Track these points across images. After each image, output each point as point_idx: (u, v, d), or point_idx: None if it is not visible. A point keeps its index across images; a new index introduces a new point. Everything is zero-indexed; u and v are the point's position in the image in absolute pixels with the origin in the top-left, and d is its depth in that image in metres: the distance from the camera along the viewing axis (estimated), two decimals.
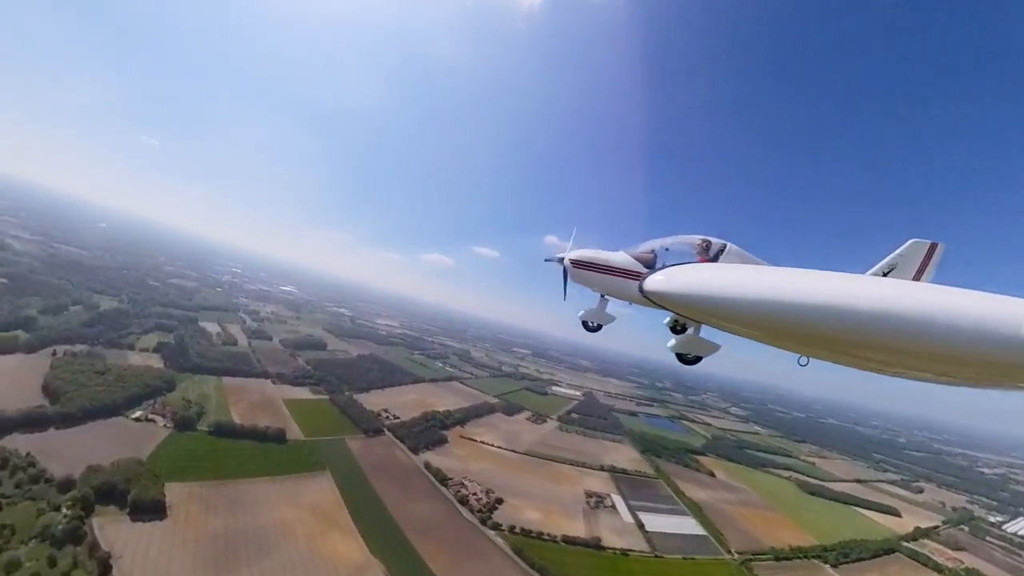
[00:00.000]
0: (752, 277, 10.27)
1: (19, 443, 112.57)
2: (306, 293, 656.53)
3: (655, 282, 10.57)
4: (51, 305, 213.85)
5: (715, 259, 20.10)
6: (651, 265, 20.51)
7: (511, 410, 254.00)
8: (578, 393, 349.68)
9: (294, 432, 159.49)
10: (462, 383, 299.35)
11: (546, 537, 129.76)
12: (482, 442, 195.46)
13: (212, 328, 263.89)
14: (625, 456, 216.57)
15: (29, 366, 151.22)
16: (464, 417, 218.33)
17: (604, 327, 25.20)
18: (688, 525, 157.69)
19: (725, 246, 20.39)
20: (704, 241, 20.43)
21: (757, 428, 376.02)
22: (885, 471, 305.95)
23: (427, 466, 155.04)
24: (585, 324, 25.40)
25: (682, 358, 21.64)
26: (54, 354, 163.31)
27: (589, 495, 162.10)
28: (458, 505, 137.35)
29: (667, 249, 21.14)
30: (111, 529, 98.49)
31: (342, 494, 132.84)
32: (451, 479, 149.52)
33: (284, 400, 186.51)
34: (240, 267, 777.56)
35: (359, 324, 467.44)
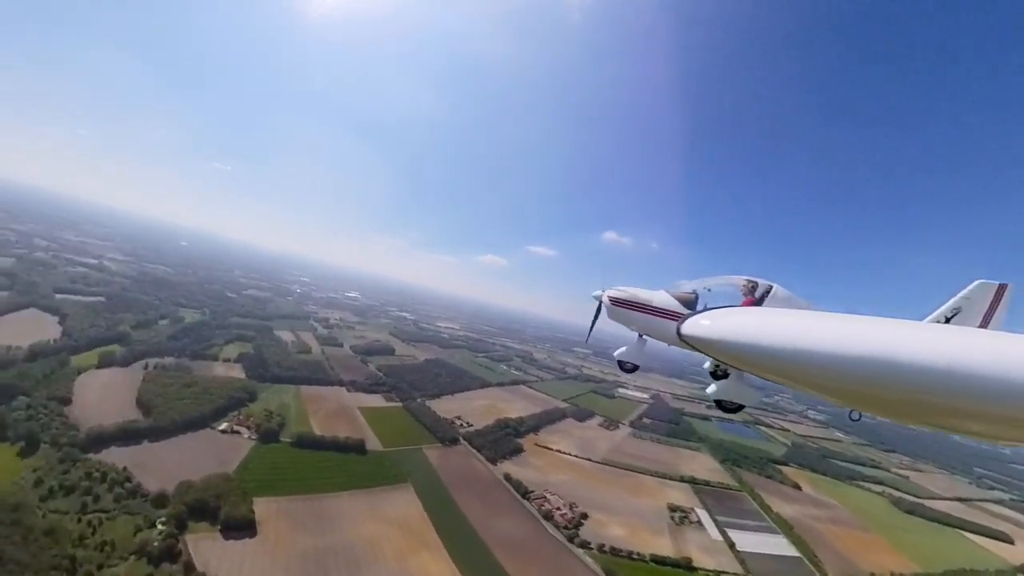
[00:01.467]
0: (803, 324, 9.16)
1: (116, 457, 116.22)
2: (369, 298, 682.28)
3: (695, 325, 9.59)
4: (142, 320, 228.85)
5: (760, 302, 19.20)
6: (692, 306, 19.92)
7: (582, 415, 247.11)
8: (646, 396, 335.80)
9: (373, 442, 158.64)
10: (529, 387, 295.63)
11: (635, 557, 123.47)
12: (558, 451, 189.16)
13: (287, 337, 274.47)
14: (704, 465, 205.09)
15: (124, 379, 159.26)
16: (537, 424, 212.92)
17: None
18: (779, 545, 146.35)
19: (771, 288, 19.46)
20: (750, 282, 19.81)
21: (838, 435, 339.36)
22: (990, 488, 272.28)
23: (507, 478, 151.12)
24: (621, 364, 24.76)
25: (722, 405, 21.16)
26: (146, 367, 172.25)
27: (672, 509, 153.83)
28: (543, 521, 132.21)
29: (709, 290, 20.50)
30: (204, 547, 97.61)
31: (425, 508, 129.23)
32: (532, 492, 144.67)
33: (360, 408, 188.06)
34: (307, 276, 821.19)
35: (422, 328, 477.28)
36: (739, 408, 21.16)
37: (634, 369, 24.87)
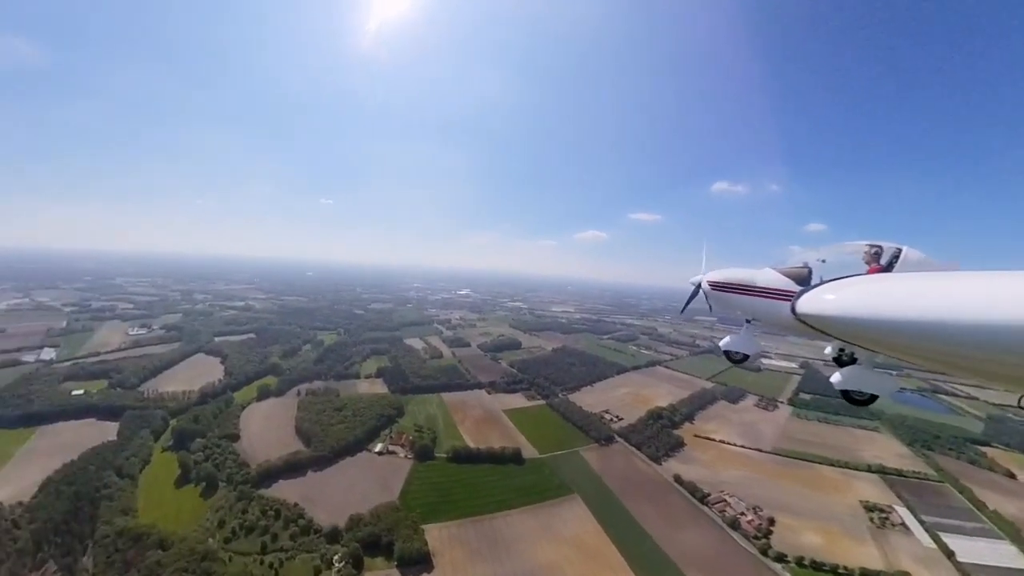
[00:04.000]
0: (958, 289, 7.41)
1: (286, 491, 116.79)
2: (480, 293, 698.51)
3: (812, 302, 8.63)
4: (288, 349, 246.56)
5: (888, 268, 16.59)
6: (805, 282, 17.30)
7: (734, 396, 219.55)
8: (794, 365, 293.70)
9: (528, 449, 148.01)
10: (666, 367, 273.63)
11: (842, 572, 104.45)
12: (721, 441, 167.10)
13: (417, 344, 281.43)
14: (889, 449, 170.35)
15: (281, 409, 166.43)
16: (690, 411, 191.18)
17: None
18: (1007, 554, 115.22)
19: (900, 251, 16.66)
20: (872, 247, 17.15)
21: None
22: None
23: (678, 480, 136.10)
24: (728, 355, 22.11)
25: (850, 396, 18.59)
26: (298, 394, 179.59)
27: (868, 508, 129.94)
28: (728, 530, 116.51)
29: (823, 261, 17.81)
30: None
31: (600, 522, 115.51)
32: (709, 495, 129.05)
33: (504, 411, 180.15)
34: (419, 282, 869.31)
35: (538, 315, 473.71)
36: (872, 399, 18.39)
37: (744, 359, 22.01)
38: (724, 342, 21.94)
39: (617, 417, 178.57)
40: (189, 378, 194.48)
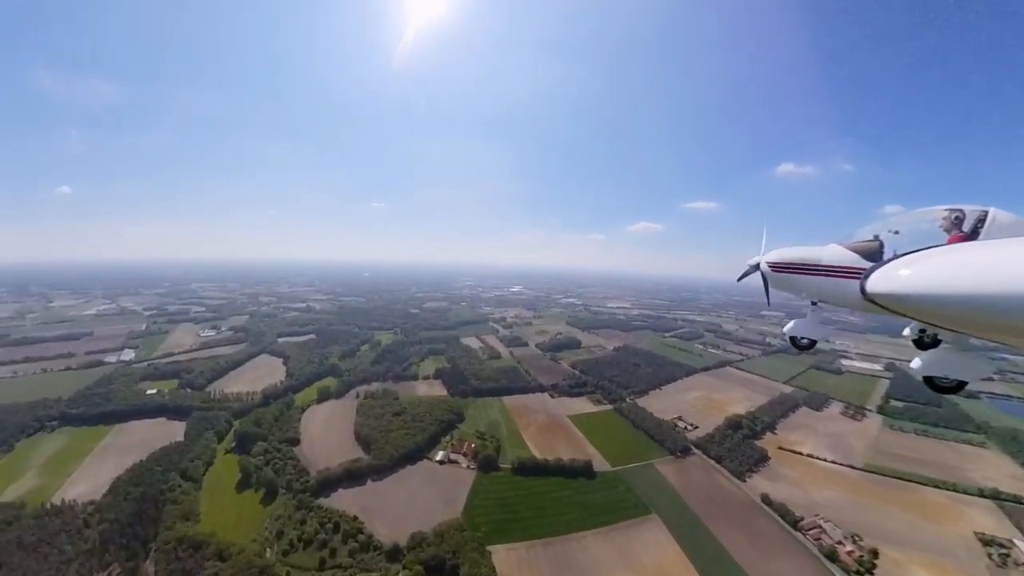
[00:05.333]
0: None
1: (345, 500, 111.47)
2: (532, 289, 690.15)
3: (884, 279, 8.14)
4: (347, 350, 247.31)
5: (973, 235, 14.22)
6: (876, 256, 15.68)
7: (816, 402, 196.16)
8: (878, 367, 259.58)
9: (598, 460, 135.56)
10: (737, 368, 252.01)
11: None
12: (808, 455, 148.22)
13: (474, 344, 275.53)
14: (1001, 469, 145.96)
15: (341, 412, 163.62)
16: (771, 419, 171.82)
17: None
18: None
19: (986, 214, 14.21)
20: (952, 211, 14.77)
21: None
22: None
23: (766, 500, 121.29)
24: (793, 340, 20.96)
25: (933, 383, 16.50)
26: (357, 396, 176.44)
27: (984, 541, 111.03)
28: (826, 562, 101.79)
29: (896, 232, 15.81)
30: None
31: (683, 548, 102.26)
32: (802, 519, 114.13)
33: (570, 417, 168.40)
34: (471, 279, 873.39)
35: (594, 312, 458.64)
36: (960, 386, 16.12)
37: (811, 345, 21.05)
38: (788, 327, 20.88)
39: (691, 425, 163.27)
40: (253, 379, 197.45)
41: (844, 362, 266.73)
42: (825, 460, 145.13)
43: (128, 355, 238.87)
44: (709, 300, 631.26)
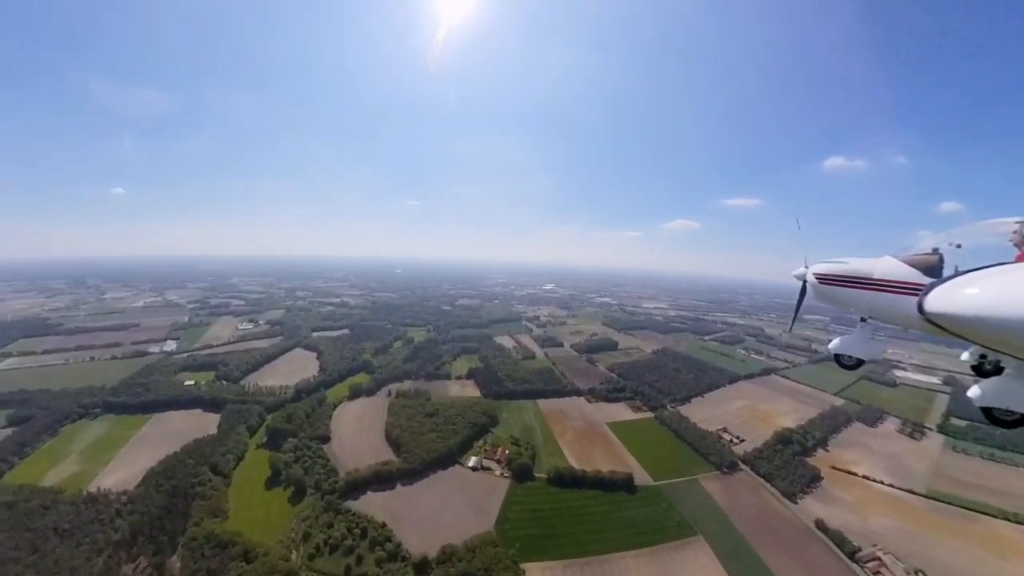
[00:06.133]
0: None
1: (373, 504, 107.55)
2: (565, 288, 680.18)
3: (945, 298, 7.79)
4: (379, 346, 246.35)
5: None
6: (935, 272, 14.87)
7: (870, 417, 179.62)
8: (936, 380, 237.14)
9: (639, 473, 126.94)
10: (783, 376, 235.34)
11: None
12: (864, 476, 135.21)
13: (507, 343, 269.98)
14: None
15: (372, 410, 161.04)
16: (822, 434, 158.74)
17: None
18: None
19: None
20: None
21: None
22: None
23: (820, 526, 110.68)
24: (839, 359, 20.31)
25: (993, 415, 15.31)
26: (389, 394, 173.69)
27: None
28: None
29: (959, 246, 14.65)
30: None
31: None
32: (859, 549, 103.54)
33: (608, 424, 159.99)
34: (502, 276, 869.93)
35: (630, 312, 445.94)
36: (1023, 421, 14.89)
37: (858, 365, 19.96)
38: (834, 344, 19.84)
39: (737, 438, 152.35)
40: (287, 373, 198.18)
41: (898, 373, 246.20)
42: (882, 483, 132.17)
43: (170, 346, 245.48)
44: (749, 302, 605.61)
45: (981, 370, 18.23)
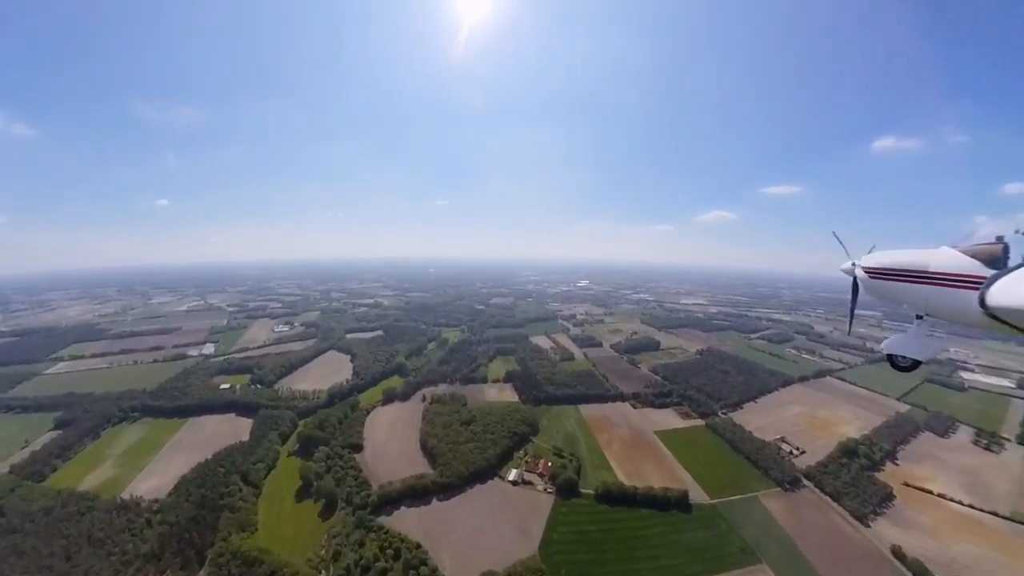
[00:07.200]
0: None
1: (407, 521, 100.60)
2: (599, 284, 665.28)
3: (1011, 291, 7.10)
4: (413, 347, 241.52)
5: None
6: (999, 263, 13.22)
7: (940, 426, 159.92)
8: (1009, 384, 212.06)
9: (694, 489, 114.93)
10: (839, 379, 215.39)
11: None
12: (940, 495, 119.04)
13: (544, 343, 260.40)
14: None
15: (406, 416, 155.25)
16: (889, 446, 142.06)
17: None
18: None
19: None
20: None
21: None
22: None
23: (897, 554, 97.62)
24: (892, 360, 19.01)
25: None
26: (423, 399, 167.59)
27: None
28: None
29: None
30: None
31: None
32: None
33: (656, 433, 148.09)
34: (535, 273, 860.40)
35: (668, 309, 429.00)
36: None
37: (914, 366, 18.26)
38: (887, 343, 18.65)
39: (797, 449, 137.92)
40: (320, 376, 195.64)
41: (965, 375, 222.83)
42: (961, 504, 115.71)
43: (208, 349, 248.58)
44: (791, 296, 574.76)
45: None
